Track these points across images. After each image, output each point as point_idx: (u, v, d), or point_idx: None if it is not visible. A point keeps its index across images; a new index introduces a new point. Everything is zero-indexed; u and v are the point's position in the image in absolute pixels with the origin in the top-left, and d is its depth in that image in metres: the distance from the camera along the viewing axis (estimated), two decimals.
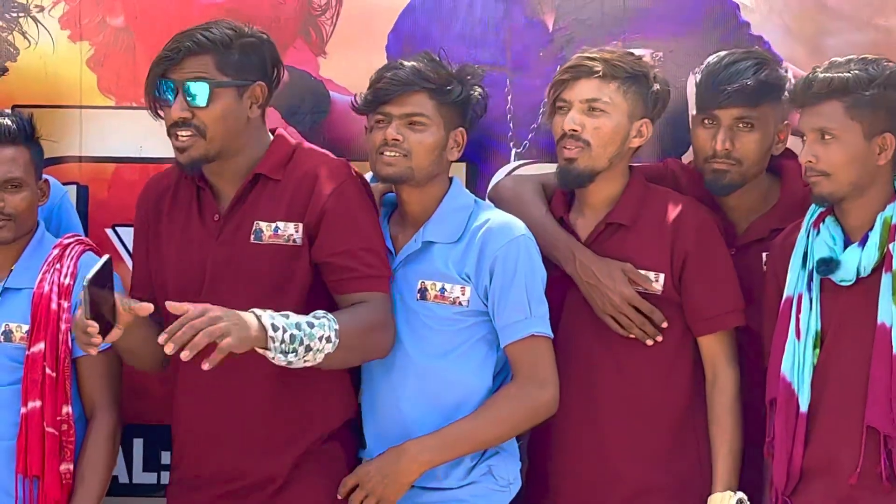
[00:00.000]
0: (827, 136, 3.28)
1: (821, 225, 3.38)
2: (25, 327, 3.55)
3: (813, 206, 3.40)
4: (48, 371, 3.48)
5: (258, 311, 3.12)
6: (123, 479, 3.99)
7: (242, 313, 3.10)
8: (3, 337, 3.58)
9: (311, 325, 3.18)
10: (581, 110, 3.51)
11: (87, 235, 3.93)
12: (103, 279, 3.08)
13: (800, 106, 3.35)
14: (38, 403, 3.48)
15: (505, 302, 3.44)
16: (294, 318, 3.17)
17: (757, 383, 3.57)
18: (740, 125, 3.60)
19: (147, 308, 3.16)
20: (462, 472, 3.47)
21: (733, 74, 3.63)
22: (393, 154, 3.40)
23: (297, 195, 3.44)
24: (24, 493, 3.51)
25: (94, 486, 3.56)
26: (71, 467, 3.53)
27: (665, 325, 3.54)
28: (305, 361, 3.17)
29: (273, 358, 3.11)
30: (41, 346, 3.50)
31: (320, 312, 3.23)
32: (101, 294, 3.06)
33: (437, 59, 3.56)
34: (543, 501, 3.65)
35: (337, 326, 3.21)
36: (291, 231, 3.44)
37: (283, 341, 3.11)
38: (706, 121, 3.63)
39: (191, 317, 3.02)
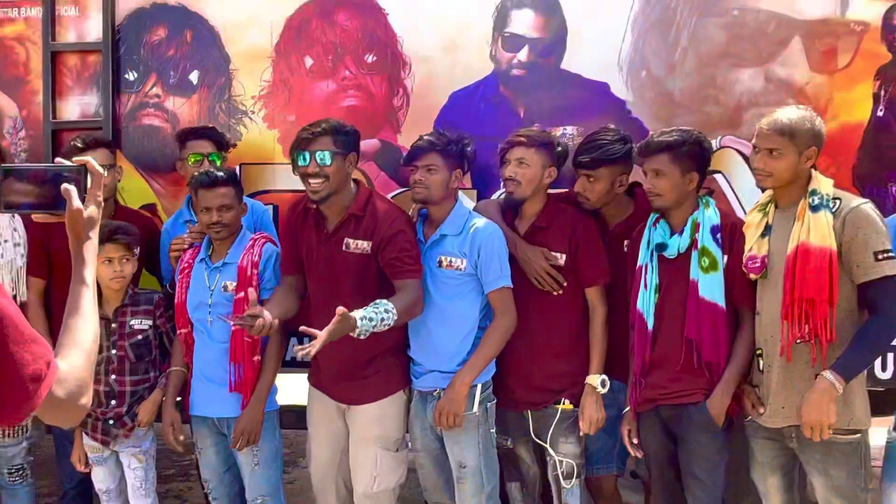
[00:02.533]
0: (659, 174, 4.20)
1: (658, 223, 4.29)
2: (233, 284, 4.53)
3: (653, 213, 4.31)
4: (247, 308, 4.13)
5: (359, 324, 3.88)
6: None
7: (348, 321, 3.86)
8: (223, 289, 4.51)
9: (383, 320, 3.97)
10: (515, 164, 4.46)
11: (277, 234, 4.86)
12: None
13: (644, 157, 4.24)
14: None
15: (488, 267, 4.34)
16: (376, 318, 3.93)
17: (621, 314, 4.44)
18: (589, 179, 4.45)
19: (274, 326, 4.02)
20: (461, 360, 4.43)
21: (585, 150, 4.46)
22: (420, 188, 4.43)
23: (369, 225, 4.31)
24: (234, 371, 4.54)
25: (271, 369, 4.59)
26: (259, 358, 4.53)
27: (565, 284, 4.45)
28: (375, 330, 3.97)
29: (356, 335, 3.94)
30: (241, 294, 4.44)
31: (392, 307, 4.00)
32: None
33: (442, 132, 4.45)
34: (503, 381, 4.51)
35: (396, 317, 3.99)
36: (365, 246, 4.36)
37: (361, 334, 3.93)
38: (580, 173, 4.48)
39: (315, 345, 3.81)
